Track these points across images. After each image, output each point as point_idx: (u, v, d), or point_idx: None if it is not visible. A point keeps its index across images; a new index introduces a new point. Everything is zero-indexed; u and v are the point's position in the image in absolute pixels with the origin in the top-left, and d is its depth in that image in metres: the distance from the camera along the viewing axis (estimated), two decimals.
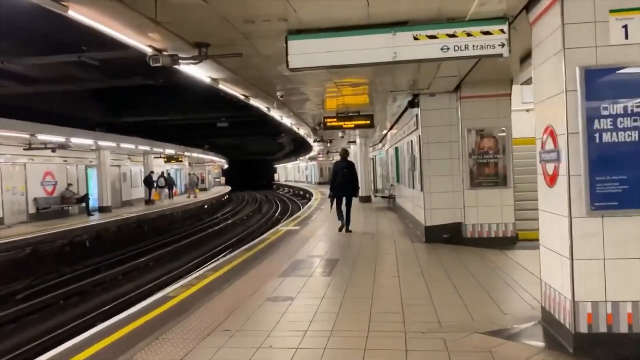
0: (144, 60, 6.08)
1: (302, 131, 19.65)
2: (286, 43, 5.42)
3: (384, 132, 20.79)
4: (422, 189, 10.80)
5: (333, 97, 11.11)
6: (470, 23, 5.26)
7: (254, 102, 10.33)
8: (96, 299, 11.45)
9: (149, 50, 5.84)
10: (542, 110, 4.79)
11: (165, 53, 6.03)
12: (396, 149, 16.66)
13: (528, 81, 8.29)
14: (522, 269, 7.70)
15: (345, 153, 12.97)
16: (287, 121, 15.29)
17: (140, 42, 5.72)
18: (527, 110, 13.79)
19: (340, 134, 18.46)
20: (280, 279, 7.43)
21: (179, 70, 7.56)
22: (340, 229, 12.47)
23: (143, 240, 19.96)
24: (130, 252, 17.35)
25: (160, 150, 30.16)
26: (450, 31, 5.27)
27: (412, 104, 10.96)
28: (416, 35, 5.32)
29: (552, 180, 4.52)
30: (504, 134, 9.98)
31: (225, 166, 64.38)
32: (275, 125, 20.93)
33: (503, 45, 5.23)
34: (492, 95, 9.96)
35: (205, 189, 48.36)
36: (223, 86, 8.29)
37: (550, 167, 4.55)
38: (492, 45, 5.24)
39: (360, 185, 20.54)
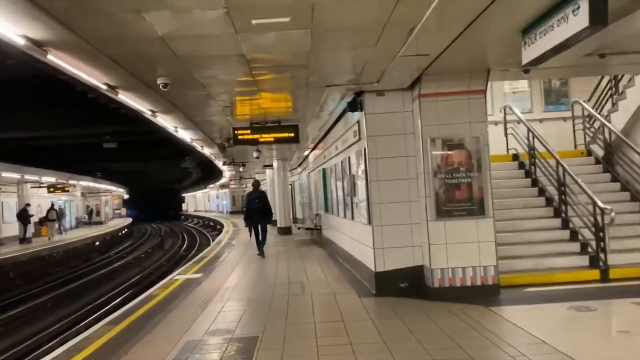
0: None
1: (209, 151, 16.26)
2: None
3: (305, 152, 17.92)
4: (369, 222, 7.94)
5: (246, 96, 8.01)
6: None
7: (125, 97, 6.78)
8: None
9: None
10: None
11: None
12: (323, 170, 13.76)
13: (532, 63, 5.68)
14: (537, 340, 4.93)
15: (257, 184, 14.08)
16: (186, 135, 11.85)
17: None
18: (496, 124, 11.36)
19: (255, 155, 15.32)
20: None
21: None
22: (259, 254, 13.17)
23: (3, 292, 15.51)
24: None
25: (36, 177, 25.13)
26: None
27: (353, 106, 8.11)
28: None
29: None
30: (479, 145, 7.37)
31: (126, 196, 59.16)
32: (175, 146, 17.26)
33: None
34: (462, 92, 7.41)
35: (100, 223, 42.91)
36: (57, 59, 4.85)
37: None
38: None
39: (277, 212, 20.02)
